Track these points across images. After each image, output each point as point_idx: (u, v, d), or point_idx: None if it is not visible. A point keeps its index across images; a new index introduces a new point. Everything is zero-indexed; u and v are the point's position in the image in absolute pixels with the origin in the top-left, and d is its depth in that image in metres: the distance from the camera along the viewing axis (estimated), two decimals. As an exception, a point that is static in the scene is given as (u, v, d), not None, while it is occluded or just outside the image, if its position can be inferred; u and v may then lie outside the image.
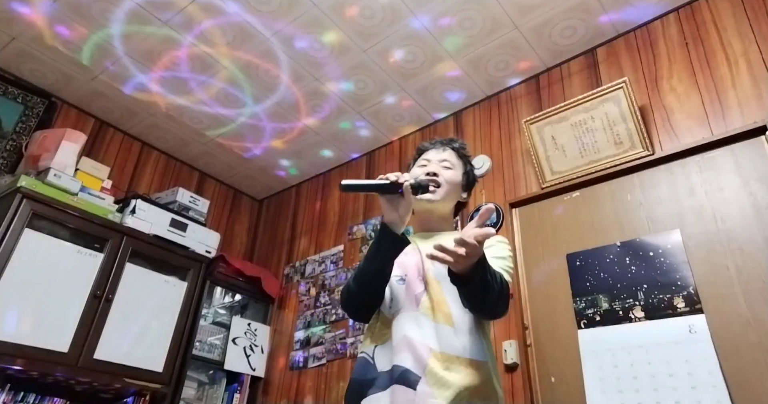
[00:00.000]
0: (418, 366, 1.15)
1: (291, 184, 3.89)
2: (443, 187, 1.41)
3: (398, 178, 1.23)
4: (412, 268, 1.32)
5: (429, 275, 1.30)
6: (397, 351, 1.18)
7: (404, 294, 1.28)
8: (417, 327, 1.21)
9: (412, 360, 1.16)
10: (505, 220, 2.49)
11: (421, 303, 1.26)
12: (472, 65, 2.77)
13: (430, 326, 1.22)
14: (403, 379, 1.13)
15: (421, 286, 1.29)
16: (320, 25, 2.58)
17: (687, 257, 1.94)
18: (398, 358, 1.17)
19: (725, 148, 2.02)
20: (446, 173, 1.44)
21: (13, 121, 2.90)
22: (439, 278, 1.28)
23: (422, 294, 1.27)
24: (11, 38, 2.74)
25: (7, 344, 2.14)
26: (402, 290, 1.29)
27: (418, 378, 1.13)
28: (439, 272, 1.28)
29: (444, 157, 1.47)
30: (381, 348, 1.24)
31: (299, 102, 3.09)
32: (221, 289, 3.30)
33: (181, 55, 2.79)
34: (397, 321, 1.24)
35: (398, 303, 1.28)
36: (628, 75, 2.34)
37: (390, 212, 1.24)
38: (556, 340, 2.12)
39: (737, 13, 2.19)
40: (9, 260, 2.23)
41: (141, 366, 2.51)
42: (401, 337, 1.20)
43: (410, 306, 1.26)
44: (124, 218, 2.72)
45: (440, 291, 1.27)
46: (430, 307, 1.25)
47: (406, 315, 1.24)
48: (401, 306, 1.26)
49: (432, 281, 1.29)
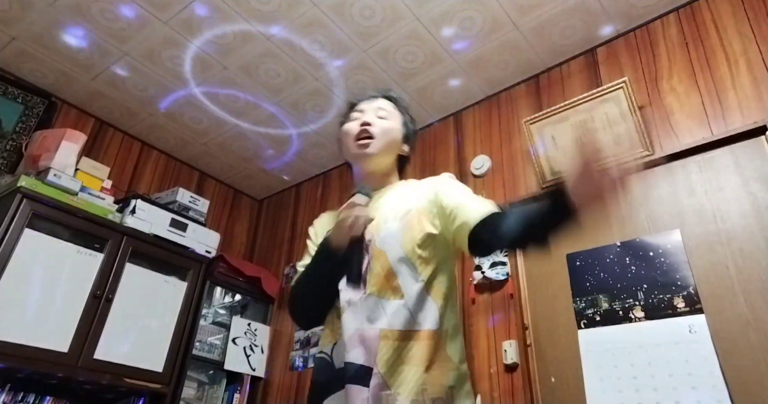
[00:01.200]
0: (370, 357, 1.05)
1: (291, 184, 3.89)
2: (379, 138, 1.27)
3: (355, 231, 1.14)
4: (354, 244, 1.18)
5: (374, 244, 1.16)
6: (349, 347, 1.07)
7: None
8: (366, 313, 1.09)
9: (364, 353, 1.06)
10: (505, 220, 2.48)
11: (368, 282, 1.12)
12: (472, 65, 2.77)
13: (378, 306, 1.10)
14: (355, 377, 1.04)
15: (365, 261, 1.15)
16: (320, 25, 2.58)
17: (687, 257, 1.94)
18: (350, 355, 1.06)
19: (725, 148, 2.02)
20: (382, 122, 1.30)
21: (13, 121, 2.90)
22: (387, 246, 1.15)
23: (366, 271, 1.14)
24: (11, 38, 2.74)
25: (7, 344, 2.14)
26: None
27: (369, 370, 1.04)
28: (386, 237, 1.16)
29: (378, 106, 1.33)
30: (339, 344, 1.12)
31: (299, 102, 3.09)
32: (221, 289, 3.30)
33: (182, 55, 2.79)
34: (345, 315, 1.11)
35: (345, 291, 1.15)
36: (628, 75, 2.34)
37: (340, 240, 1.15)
38: (556, 340, 2.12)
39: (737, 13, 2.19)
40: (9, 260, 2.23)
41: (141, 366, 2.51)
42: (353, 331, 1.09)
43: (356, 290, 1.13)
44: (124, 218, 2.72)
45: (386, 261, 1.13)
46: (375, 283, 1.12)
47: (352, 305, 1.12)
48: (348, 295, 1.14)
49: (377, 251, 1.15)
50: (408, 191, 1.27)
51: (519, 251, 1.12)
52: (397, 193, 1.29)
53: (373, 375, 1.03)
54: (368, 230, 1.18)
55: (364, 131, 1.27)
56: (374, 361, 1.04)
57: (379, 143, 1.28)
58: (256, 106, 3.13)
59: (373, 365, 1.04)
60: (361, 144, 1.27)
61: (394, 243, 1.15)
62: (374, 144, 1.27)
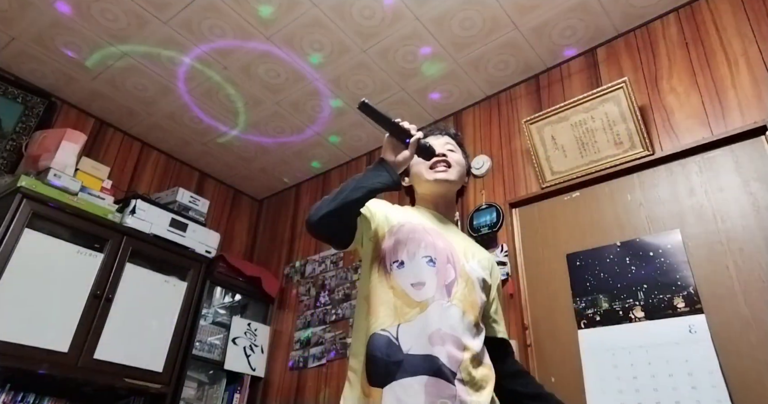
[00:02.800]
0: (453, 362, 1.13)
1: (291, 184, 3.89)
2: (455, 167, 1.42)
3: (411, 129, 1.27)
4: (441, 253, 1.28)
5: (464, 269, 1.29)
6: (433, 341, 1.15)
7: (435, 279, 1.23)
8: (450, 321, 1.19)
9: (447, 354, 1.13)
10: (505, 220, 2.49)
11: (453, 294, 1.23)
12: (472, 65, 2.77)
13: (462, 320, 1.20)
14: (441, 373, 1.11)
15: (452, 274, 1.26)
16: (320, 25, 2.58)
17: (687, 257, 1.94)
18: (435, 350, 1.14)
19: (725, 148, 2.02)
20: (453, 155, 1.45)
21: (13, 121, 2.90)
22: (475, 278, 1.30)
23: (454, 284, 1.25)
24: (11, 38, 2.75)
25: (7, 344, 2.14)
26: (432, 273, 1.24)
27: (454, 373, 1.12)
28: (475, 271, 1.30)
29: (445, 141, 1.48)
30: (407, 328, 1.18)
31: (299, 102, 3.09)
32: (221, 289, 3.30)
33: (181, 55, 2.79)
34: (430, 310, 1.19)
35: (428, 287, 1.22)
36: (628, 75, 2.34)
37: (389, 154, 1.27)
38: (556, 340, 2.12)
39: (737, 13, 2.19)
40: (9, 260, 2.23)
41: (141, 366, 2.51)
42: (436, 329, 1.16)
43: (441, 294, 1.21)
44: (124, 218, 2.72)
45: (474, 291, 1.27)
46: (462, 300, 1.23)
47: (438, 305, 1.20)
48: (431, 292, 1.21)
49: (466, 276, 1.28)
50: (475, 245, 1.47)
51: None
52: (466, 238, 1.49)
53: (457, 378, 1.13)
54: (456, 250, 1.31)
55: (444, 162, 1.41)
56: (458, 368, 1.14)
57: (455, 171, 1.43)
58: (256, 106, 3.13)
59: (456, 370, 1.13)
60: (440, 170, 1.41)
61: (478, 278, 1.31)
62: (451, 172, 1.42)
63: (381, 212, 1.34)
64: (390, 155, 1.27)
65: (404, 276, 1.24)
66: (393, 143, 1.27)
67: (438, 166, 1.41)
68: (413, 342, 1.15)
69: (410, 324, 1.17)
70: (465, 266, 1.29)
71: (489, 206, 2.58)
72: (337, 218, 1.23)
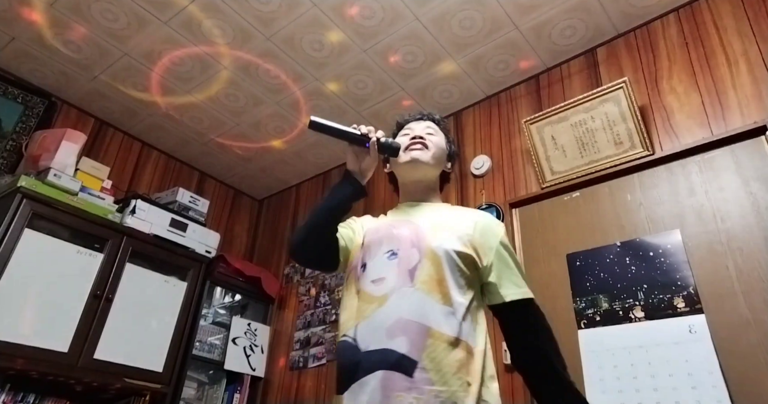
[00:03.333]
0: (415, 350, 1.07)
1: (291, 184, 3.89)
2: (431, 148, 1.37)
3: (369, 132, 1.24)
4: (405, 240, 1.23)
5: (430, 246, 1.20)
6: (391, 334, 1.09)
7: (395, 270, 1.18)
8: (412, 306, 1.12)
9: (408, 344, 1.07)
10: (505, 220, 2.49)
11: (416, 277, 1.16)
12: (472, 65, 2.77)
13: (426, 303, 1.13)
14: (398, 365, 1.05)
15: (416, 257, 1.19)
16: (320, 25, 2.58)
17: (687, 257, 1.94)
18: (394, 343, 1.08)
19: (725, 148, 2.02)
20: (432, 137, 1.40)
21: (13, 121, 2.90)
22: (440, 252, 1.19)
23: (417, 267, 1.17)
24: (11, 38, 2.74)
25: (7, 344, 2.14)
26: (393, 265, 1.19)
27: (414, 363, 1.05)
28: (442, 246, 1.20)
29: (426, 125, 1.45)
30: (364, 325, 1.14)
31: (299, 102, 3.09)
32: (221, 289, 3.30)
33: (181, 55, 2.80)
34: (390, 301, 1.14)
35: (388, 280, 1.17)
36: (628, 75, 2.34)
37: (353, 162, 1.26)
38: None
39: (737, 13, 2.19)
40: (9, 260, 2.23)
41: (141, 366, 2.51)
42: (396, 319, 1.10)
43: (403, 281, 1.16)
44: (124, 218, 2.72)
45: (441, 268, 1.17)
46: (425, 282, 1.15)
47: (399, 293, 1.14)
48: (392, 283, 1.16)
49: (432, 254, 1.19)
50: (455, 214, 1.35)
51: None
52: (443, 212, 1.36)
53: (418, 367, 1.05)
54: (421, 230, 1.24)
55: (418, 142, 1.36)
56: (420, 356, 1.06)
57: (431, 153, 1.36)
58: (256, 105, 3.14)
59: (418, 359, 1.06)
60: (414, 148, 1.35)
61: (448, 253, 1.20)
62: (426, 153, 1.35)
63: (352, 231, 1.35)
64: (353, 165, 1.26)
65: (366, 277, 1.22)
66: (354, 150, 1.26)
67: (413, 146, 1.36)
68: (371, 339, 1.11)
69: (368, 321, 1.14)
70: (431, 244, 1.20)
71: (489, 206, 2.58)
72: (312, 245, 1.25)
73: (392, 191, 1.53)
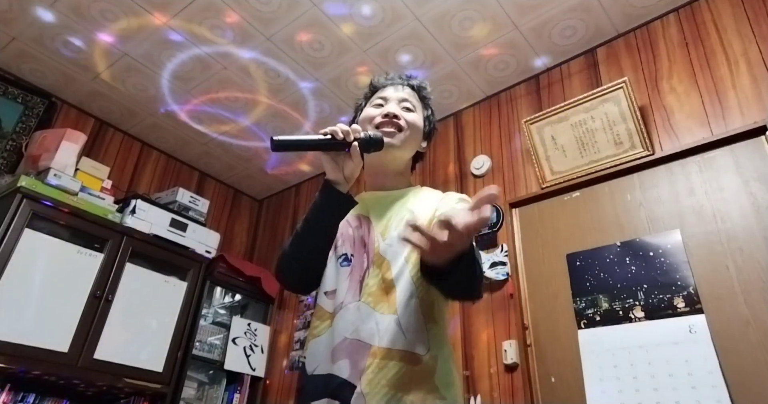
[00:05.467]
0: (355, 373, 0.97)
1: (291, 184, 3.89)
2: (404, 131, 1.18)
3: (345, 134, 1.03)
4: (358, 243, 1.11)
5: (378, 251, 1.08)
6: (335, 357, 1.01)
7: (347, 280, 1.07)
8: (357, 324, 1.02)
9: (350, 367, 0.98)
10: (505, 220, 2.49)
11: (364, 289, 1.05)
12: (472, 65, 2.77)
13: (370, 318, 1.02)
14: (336, 392, 0.97)
15: (365, 263, 1.08)
16: (320, 25, 2.58)
17: (687, 257, 1.94)
18: (336, 367, 1.00)
19: (725, 148, 2.02)
20: (408, 115, 1.20)
21: (13, 121, 2.90)
22: (390, 255, 1.07)
23: (365, 276, 1.06)
24: (11, 38, 2.74)
25: (7, 344, 2.14)
26: (345, 274, 1.08)
27: (353, 388, 0.96)
28: (391, 248, 1.08)
29: (404, 96, 1.24)
30: (313, 345, 1.06)
31: (299, 102, 3.09)
32: (221, 289, 3.30)
33: (181, 55, 2.79)
34: (336, 319, 1.04)
35: (339, 293, 1.07)
36: (628, 75, 2.34)
37: (334, 171, 1.05)
38: (556, 340, 2.12)
39: (737, 13, 2.19)
40: (9, 260, 2.23)
41: (141, 366, 2.51)
42: (341, 340, 1.02)
43: (353, 294, 1.05)
44: (124, 218, 2.72)
45: (389, 272, 1.05)
46: (371, 293, 1.04)
47: (346, 309, 1.04)
48: (341, 297, 1.06)
49: (379, 258, 1.07)
50: (418, 199, 1.19)
51: None
52: (405, 200, 1.20)
53: (355, 393, 0.95)
54: (372, 232, 1.12)
55: (392, 123, 1.17)
56: (359, 379, 0.96)
57: (403, 136, 1.18)
58: (256, 106, 3.14)
59: (357, 382, 0.96)
60: (386, 131, 1.16)
61: (397, 253, 1.07)
62: (399, 136, 1.17)
63: None
64: (335, 173, 1.05)
65: (322, 286, 1.11)
66: (332, 157, 1.05)
67: (384, 127, 1.17)
68: (318, 361, 1.03)
69: (317, 341, 1.06)
70: (379, 247, 1.08)
71: (489, 206, 2.57)
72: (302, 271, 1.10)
73: None
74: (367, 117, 1.22)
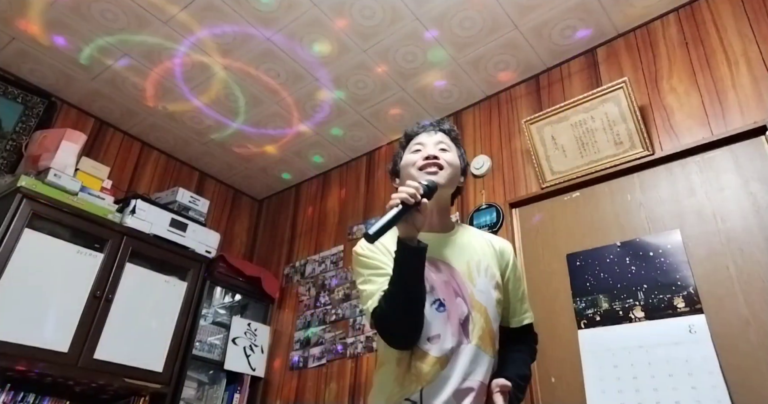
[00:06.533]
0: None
1: (291, 184, 3.89)
2: (446, 169, 1.29)
3: (414, 197, 1.10)
4: (447, 289, 1.18)
5: (474, 298, 1.19)
6: (459, 397, 1.09)
7: (448, 325, 1.14)
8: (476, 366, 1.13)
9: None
10: (505, 220, 2.49)
11: (471, 332, 1.15)
12: (472, 65, 2.77)
13: (484, 360, 1.15)
14: None
15: (465, 309, 1.17)
16: (320, 25, 2.58)
17: (687, 257, 1.94)
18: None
19: (725, 148, 2.02)
20: (446, 155, 1.32)
21: (13, 121, 2.90)
22: (486, 301, 1.20)
23: (469, 321, 1.16)
24: (11, 38, 2.74)
25: (7, 344, 2.14)
26: (443, 319, 1.15)
27: None
28: (484, 293, 1.20)
29: (438, 139, 1.36)
30: (430, 390, 1.10)
31: (299, 102, 3.09)
32: (221, 289, 3.30)
33: (181, 55, 2.79)
34: (454, 362, 1.12)
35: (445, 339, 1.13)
36: (628, 75, 2.34)
37: (407, 229, 1.12)
38: (556, 340, 2.12)
39: (737, 13, 2.19)
40: (9, 260, 2.23)
41: (141, 366, 2.51)
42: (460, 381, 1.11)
43: (460, 338, 1.14)
44: (124, 218, 2.72)
45: (488, 317, 1.18)
46: (481, 337, 1.15)
47: (461, 353, 1.13)
48: (450, 342, 1.13)
49: (478, 304, 1.18)
50: (475, 245, 1.32)
51: None
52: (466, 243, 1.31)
53: None
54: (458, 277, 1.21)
55: (434, 164, 1.28)
56: None
57: (446, 174, 1.29)
58: (256, 106, 3.13)
59: None
60: (430, 171, 1.27)
61: (490, 301, 1.21)
62: (442, 174, 1.28)
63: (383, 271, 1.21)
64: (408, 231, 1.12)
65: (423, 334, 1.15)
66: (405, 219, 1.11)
67: (427, 168, 1.28)
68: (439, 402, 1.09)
69: (433, 385, 1.10)
70: (474, 294, 1.19)
71: (489, 206, 2.58)
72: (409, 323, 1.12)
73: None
74: (410, 162, 1.33)
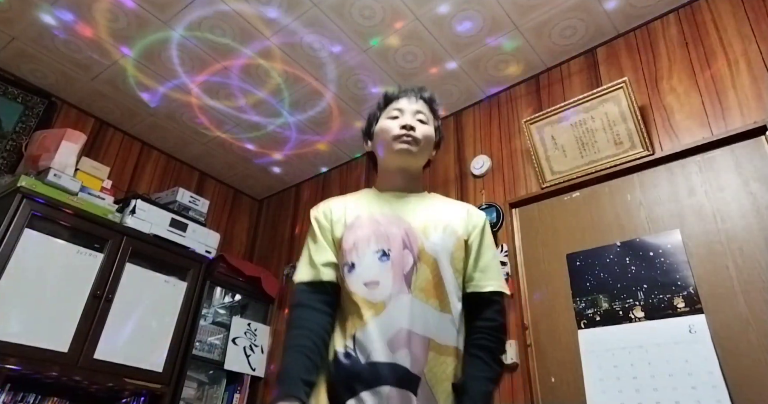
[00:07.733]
0: (417, 365, 1.05)
1: (291, 184, 3.89)
2: (421, 143, 1.29)
3: None
4: (396, 241, 1.17)
5: (423, 248, 1.16)
6: (395, 346, 1.06)
7: (389, 273, 1.13)
8: (413, 316, 1.09)
9: (411, 358, 1.05)
10: (505, 220, 2.49)
11: (413, 282, 1.12)
12: (472, 65, 2.77)
13: (426, 312, 1.10)
14: (403, 381, 1.03)
15: (410, 260, 1.15)
16: (320, 25, 2.58)
17: (687, 257, 1.94)
18: (397, 355, 1.05)
19: (725, 148, 2.02)
20: (423, 127, 1.31)
21: (13, 121, 2.90)
22: (437, 253, 1.16)
23: (413, 272, 1.13)
24: (11, 38, 2.74)
25: (7, 344, 2.14)
26: (386, 268, 1.14)
27: (417, 379, 1.04)
28: (437, 246, 1.17)
29: (418, 108, 1.34)
30: (362, 334, 1.08)
31: (299, 102, 3.09)
32: (221, 289, 3.30)
33: (180, 55, 2.79)
34: (389, 309, 1.09)
35: (383, 285, 1.12)
36: (628, 75, 2.34)
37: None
38: (556, 340, 2.12)
39: (737, 13, 2.19)
40: (9, 260, 2.23)
41: (141, 366, 2.51)
42: (397, 330, 1.07)
43: (399, 287, 1.11)
44: (124, 218, 2.72)
45: (437, 269, 1.15)
46: (423, 289, 1.12)
47: (397, 300, 1.10)
48: (388, 289, 1.11)
49: (427, 255, 1.16)
50: (441, 206, 1.31)
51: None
52: (430, 204, 1.30)
53: (421, 384, 1.05)
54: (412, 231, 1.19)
55: (409, 136, 1.28)
56: (422, 371, 1.06)
57: (420, 146, 1.29)
58: (256, 105, 3.14)
59: (420, 374, 1.05)
60: (405, 140, 1.27)
61: (443, 253, 1.17)
62: (415, 147, 1.29)
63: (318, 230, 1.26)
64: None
65: (356, 278, 1.14)
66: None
67: (402, 139, 1.28)
68: (371, 349, 1.06)
69: (365, 330, 1.08)
70: (425, 246, 1.16)
71: (489, 206, 2.58)
72: None
73: (371, 168, 1.46)
74: (385, 128, 1.31)
